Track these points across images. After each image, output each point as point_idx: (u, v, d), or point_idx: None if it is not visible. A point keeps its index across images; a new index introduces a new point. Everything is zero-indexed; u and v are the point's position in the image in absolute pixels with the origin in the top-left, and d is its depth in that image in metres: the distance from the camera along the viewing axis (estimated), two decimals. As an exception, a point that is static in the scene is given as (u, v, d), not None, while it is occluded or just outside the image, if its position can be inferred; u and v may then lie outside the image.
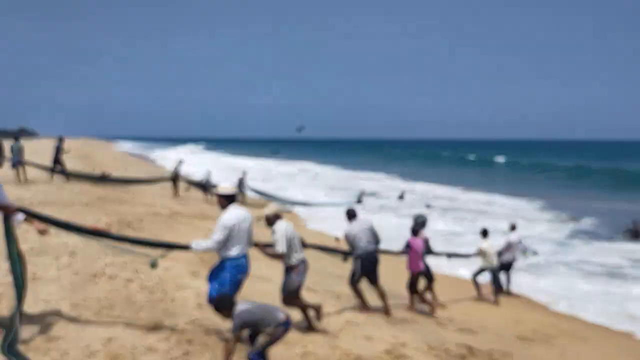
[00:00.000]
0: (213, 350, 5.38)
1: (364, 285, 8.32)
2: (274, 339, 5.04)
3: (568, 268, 13.76)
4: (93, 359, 4.63)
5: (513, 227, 12.35)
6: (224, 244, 5.68)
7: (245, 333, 5.19)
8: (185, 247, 5.94)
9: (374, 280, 8.22)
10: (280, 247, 6.36)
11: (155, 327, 5.68)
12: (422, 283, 9.52)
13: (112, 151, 63.95)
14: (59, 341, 4.88)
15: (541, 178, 45.60)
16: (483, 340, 7.79)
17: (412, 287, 9.10)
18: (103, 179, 20.03)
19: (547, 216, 23.53)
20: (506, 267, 11.76)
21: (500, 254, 11.55)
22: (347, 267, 8.64)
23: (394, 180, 41.21)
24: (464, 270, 12.40)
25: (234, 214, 5.77)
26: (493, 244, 11.34)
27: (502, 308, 10.31)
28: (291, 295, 6.63)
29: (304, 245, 6.95)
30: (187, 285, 7.64)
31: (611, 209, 24.67)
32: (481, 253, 11.08)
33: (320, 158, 72.11)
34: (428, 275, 9.72)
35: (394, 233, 13.30)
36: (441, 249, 12.35)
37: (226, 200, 5.87)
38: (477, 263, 11.34)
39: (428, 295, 9.66)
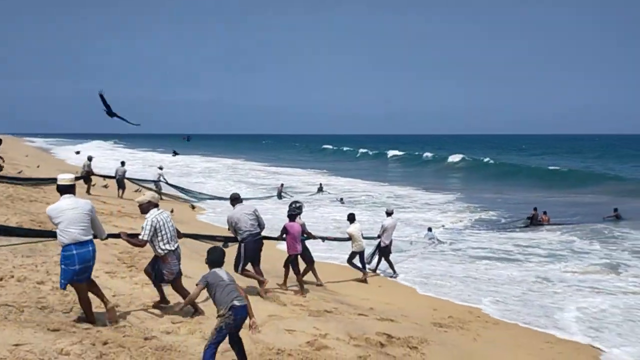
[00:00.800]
0: (130, 351, 5.25)
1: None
2: (223, 328, 5.11)
3: (454, 254, 14.97)
4: (-1, 366, 4.39)
5: (389, 213, 13.08)
6: (60, 233, 5.60)
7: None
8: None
9: (256, 261, 8.60)
10: (143, 236, 6.45)
11: (68, 330, 5.46)
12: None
13: (22, 147, 60.30)
14: (-40, 350, 4.59)
15: (466, 173, 47.60)
16: (402, 328, 8.05)
17: (292, 267, 9.59)
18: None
19: (458, 207, 24.71)
20: (384, 250, 12.60)
21: (379, 237, 12.60)
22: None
23: (317, 175, 41.86)
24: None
25: (58, 203, 5.68)
26: (359, 228, 12.14)
27: (421, 298, 10.67)
28: (173, 283, 6.78)
29: (179, 235, 7.02)
30: (103, 285, 7.36)
31: (526, 201, 26.08)
32: (350, 237, 11.85)
33: (247, 154, 72.53)
34: (307, 257, 10.29)
35: (309, 223, 13.51)
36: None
37: (59, 191, 5.78)
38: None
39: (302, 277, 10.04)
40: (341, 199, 26.12)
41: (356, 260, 12.00)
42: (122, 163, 23.03)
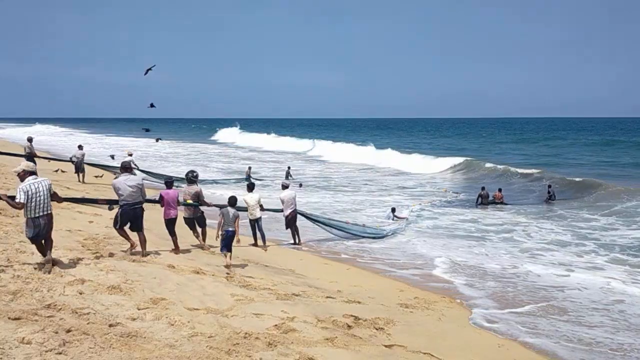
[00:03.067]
0: (94, 338, 5.19)
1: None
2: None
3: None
4: (-45, 357, 4.30)
5: (285, 186, 14.16)
6: None
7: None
8: None
9: (136, 228, 9.29)
10: (19, 199, 7.04)
11: (30, 319, 5.37)
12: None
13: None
14: None
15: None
16: (369, 309, 8.15)
17: (167, 228, 10.22)
18: None
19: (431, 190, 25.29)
20: (286, 220, 13.46)
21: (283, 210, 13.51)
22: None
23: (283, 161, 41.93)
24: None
25: None
26: (256, 198, 12.77)
27: (389, 280, 10.79)
28: (32, 242, 7.35)
29: (59, 199, 8.04)
30: (66, 273, 7.28)
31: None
32: (247, 205, 12.62)
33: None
34: (200, 222, 11.21)
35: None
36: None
37: None
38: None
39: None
40: (300, 184, 26.76)
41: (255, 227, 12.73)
42: (80, 147, 22.70)
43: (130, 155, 24.12)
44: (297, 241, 13.53)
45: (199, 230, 11.28)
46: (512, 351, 7.28)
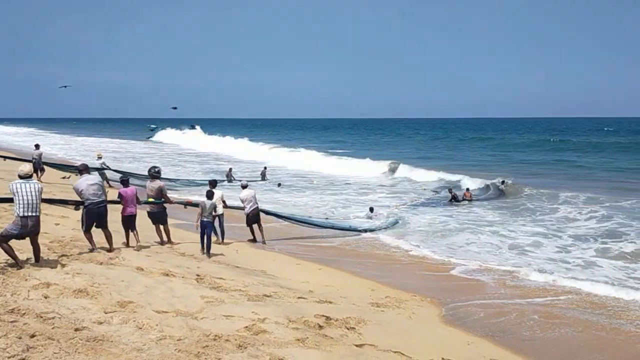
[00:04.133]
0: (59, 343, 5.08)
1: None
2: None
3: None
4: None
5: (244, 186, 14.26)
6: None
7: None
8: None
9: (101, 225, 9.58)
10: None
11: (-9, 324, 5.22)
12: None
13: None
14: None
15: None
16: (340, 309, 8.16)
17: (124, 226, 10.64)
18: None
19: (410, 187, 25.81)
20: (247, 218, 13.70)
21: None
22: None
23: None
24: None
25: None
26: (217, 194, 12.57)
27: (360, 279, 10.82)
28: (2, 239, 7.54)
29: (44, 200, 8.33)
30: (31, 277, 7.11)
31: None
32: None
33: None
34: (160, 219, 11.50)
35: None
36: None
37: None
38: None
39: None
40: (279, 184, 26.91)
41: (216, 223, 12.63)
42: (37, 146, 23.18)
43: (100, 157, 23.85)
44: (262, 238, 13.68)
45: (162, 227, 11.55)
46: (482, 348, 7.38)
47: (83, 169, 10.02)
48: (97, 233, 9.67)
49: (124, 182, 11.16)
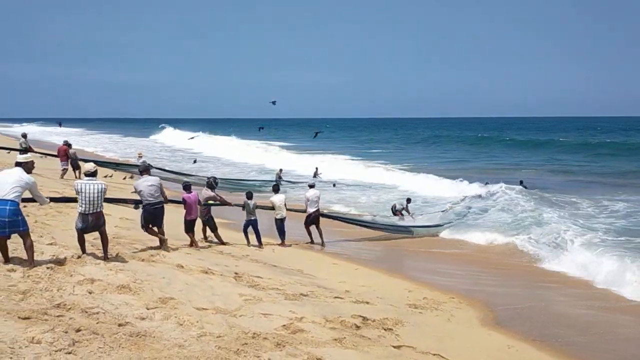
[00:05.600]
0: (103, 338, 5.20)
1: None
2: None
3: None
4: (-33, 356, 4.32)
5: (311, 186, 14.66)
6: None
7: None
8: None
9: (157, 224, 9.88)
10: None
11: (39, 318, 5.39)
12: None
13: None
14: None
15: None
16: (377, 310, 8.12)
17: (186, 227, 11.09)
18: None
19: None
20: (312, 219, 13.79)
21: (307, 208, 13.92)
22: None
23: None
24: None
25: None
26: (282, 199, 13.36)
27: (397, 280, 10.77)
28: (77, 233, 8.14)
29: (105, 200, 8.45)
30: (77, 272, 7.30)
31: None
32: (273, 205, 13.24)
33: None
34: (209, 223, 11.96)
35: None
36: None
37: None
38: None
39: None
40: (334, 184, 26.91)
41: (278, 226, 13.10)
42: (69, 145, 23.59)
43: (141, 156, 24.57)
44: (320, 240, 13.71)
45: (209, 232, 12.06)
46: (523, 352, 7.24)
47: (144, 170, 10.29)
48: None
49: (187, 187, 11.40)
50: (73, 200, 8.99)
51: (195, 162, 28.40)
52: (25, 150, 21.74)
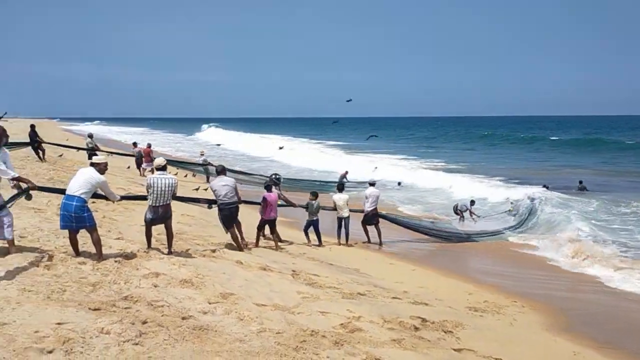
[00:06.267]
0: (168, 330, 5.35)
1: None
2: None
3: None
4: (42, 344, 4.52)
5: (372, 184, 14.55)
6: None
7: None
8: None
9: (235, 225, 10.11)
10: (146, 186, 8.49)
11: (108, 310, 5.60)
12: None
13: (55, 130, 61.94)
14: (6, 327, 4.74)
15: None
16: (436, 311, 8.00)
17: (261, 227, 11.27)
18: None
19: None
20: (365, 218, 13.79)
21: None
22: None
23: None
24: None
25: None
26: (345, 199, 13.32)
27: (456, 282, 10.57)
28: (146, 225, 8.59)
29: (174, 197, 8.76)
30: (142, 266, 7.56)
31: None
32: (336, 205, 13.26)
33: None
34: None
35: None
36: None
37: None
38: None
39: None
40: (399, 183, 26.77)
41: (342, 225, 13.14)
42: (135, 144, 25.84)
43: (203, 154, 25.45)
44: (379, 240, 13.68)
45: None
46: (589, 359, 6.95)
47: (221, 171, 10.58)
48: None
49: (268, 187, 11.52)
50: (141, 197, 9.32)
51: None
52: (91, 149, 23.28)
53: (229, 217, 10.05)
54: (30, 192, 7.53)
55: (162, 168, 8.66)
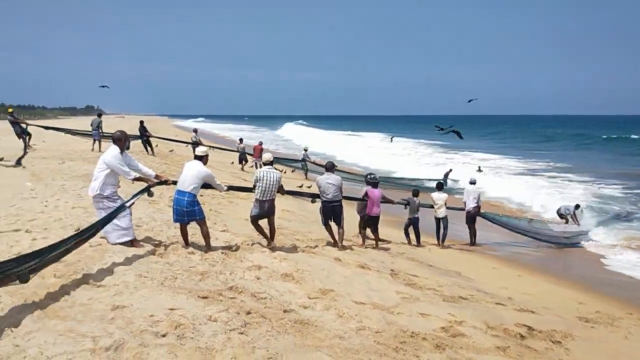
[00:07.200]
0: (271, 322, 5.48)
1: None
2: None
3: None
4: (156, 327, 4.80)
5: (472, 182, 14.33)
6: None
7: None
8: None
9: (335, 221, 10.18)
10: (253, 183, 8.80)
11: (215, 299, 5.84)
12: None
13: (167, 126, 65.81)
14: (124, 310, 5.09)
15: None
16: (543, 320, 7.58)
17: (365, 224, 11.17)
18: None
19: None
20: (467, 216, 13.67)
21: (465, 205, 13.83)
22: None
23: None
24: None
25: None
26: (442, 197, 13.14)
27: (563, 287, 9.99)
28: (252, 219, 8.86)
29: (280, 191, 8.95)
30: (246, 259, 7.82)
31: None
32: (433, 203, 13.16)
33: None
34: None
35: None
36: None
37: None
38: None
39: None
40: (479, 168, 26.85)
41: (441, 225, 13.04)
42: (241, 140, 27.22)
43: (306, 150, 26.14)
44: (473, 239, 13.51)
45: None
46: None
47: (329, 167, 10.77)
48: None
49: (374, 184, 11.37)
50: (247, 189, 9.61)
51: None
52: (195, 143, 24.99)
53: (332, 213, 10.15)
54: (151, 188, 7.99)
55: (270, 163, 8.99)
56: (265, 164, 9.01)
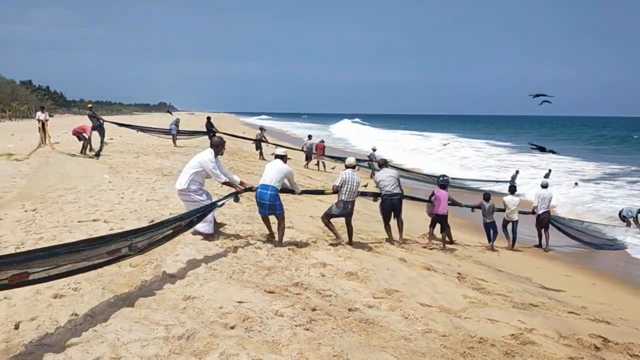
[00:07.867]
0: (336, 320, 5.49)
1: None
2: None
3: None
4: (225, 319, 4.92)
5: (544, 186, 13.94)
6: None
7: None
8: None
9: (396, 214, 10.38)
10: (335, 182, 9.18)
11: (282, 294, 5.92)
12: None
13: (235, 123, 67.31)
14: (195, 300, 5.24)
15: None
16: (620, 332, 7.18)
17: (433, 224, 11.20)
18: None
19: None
20: (541, 221, 13.26)
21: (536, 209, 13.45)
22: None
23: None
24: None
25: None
26: (515, 202, 12.93)
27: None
28: (326, 217, 9.10)
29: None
30: (311, 256, 7.88)
31: None
32: (505, 207, 12.94)
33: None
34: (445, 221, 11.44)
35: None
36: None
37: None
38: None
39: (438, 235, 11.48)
40: (576, 183, 25.52)
41: (508, 228, 12.93)
42: (309, 137, 27.30)
43: (375, 150, 26.07)
44: (545, 243, 13.24)
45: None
46: None
47: (383, 164, 11.10)
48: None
49: (443, 186, 11.40)
50: (319, 192, 10.27)
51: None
52: (260, 141, 25.63)
53: (390, 207, 10.29)
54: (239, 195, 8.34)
55: (352, 167, 9.44)
56: (347, 167, 9.41)
